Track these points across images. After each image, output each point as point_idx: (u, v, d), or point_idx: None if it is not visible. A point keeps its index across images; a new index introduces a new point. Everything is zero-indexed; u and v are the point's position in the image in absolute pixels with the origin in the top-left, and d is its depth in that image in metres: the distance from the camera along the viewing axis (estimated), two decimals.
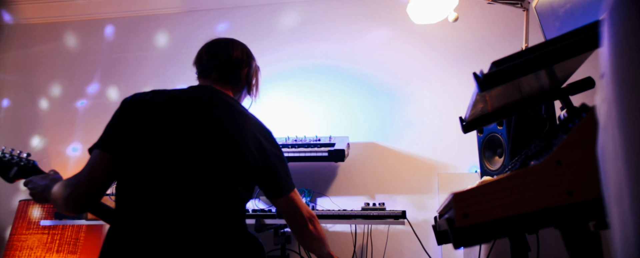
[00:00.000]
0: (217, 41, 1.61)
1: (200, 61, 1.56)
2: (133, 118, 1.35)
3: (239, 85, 1.57)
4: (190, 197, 1.28)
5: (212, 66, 1.52)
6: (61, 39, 3.42)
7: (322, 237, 1.60)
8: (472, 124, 1.33)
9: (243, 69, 1.56)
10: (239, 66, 1.55)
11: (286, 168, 1.53)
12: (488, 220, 0.74)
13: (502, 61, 0.88)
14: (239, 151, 1.37)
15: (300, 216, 1.54)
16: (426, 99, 2.80)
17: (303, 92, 2.96)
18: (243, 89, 1.59)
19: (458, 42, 2.83)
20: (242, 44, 1.63)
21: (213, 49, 1.56)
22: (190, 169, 1.30)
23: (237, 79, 1.55)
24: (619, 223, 0.55)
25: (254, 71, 1.61)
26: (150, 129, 1.33)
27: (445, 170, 2.64)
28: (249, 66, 1.58)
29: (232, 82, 1.54)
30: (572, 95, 1.09)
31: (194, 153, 1.32)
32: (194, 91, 1.48)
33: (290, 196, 1.52)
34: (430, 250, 2.42)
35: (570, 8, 1.59)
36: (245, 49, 1.61)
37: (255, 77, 1.63)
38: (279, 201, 1.52)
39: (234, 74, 1.54)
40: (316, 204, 2.69)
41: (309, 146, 2.46)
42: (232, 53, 1.55)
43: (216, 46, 1.57)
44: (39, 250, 2.67)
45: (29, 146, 3.22)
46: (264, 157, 1.43)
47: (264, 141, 1.45)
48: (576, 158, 0.74)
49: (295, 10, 3.12)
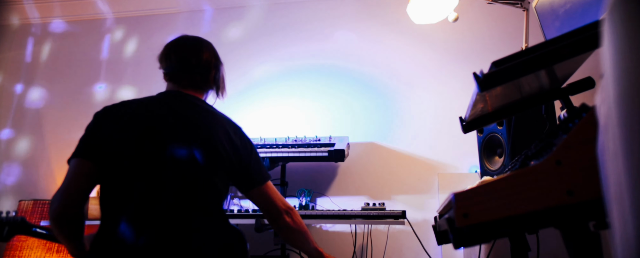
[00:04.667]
0: (185, 42, 1.60)
1: (168, 60, 1.56)
2: (106, 128, 1.40)
3: (207, 87, 1.59)
4: (167, 194, 1.33)
5: (181, 71, 1.54)
6: (61, 39, 3.42)
7: (304, 230, 1.62)
8: (472, 124, 1.33)
9: (211, 72, 1.58)
10: (207, 69, 1.56)
11: (258, 160, 1.56)
12: (488, 220, 0.74)
13: (502, 61, 0.88)
14: (211, 144, 1.41)
15: (275, 208, 1.56)
16: (426, 99, 2.80)
17: (303, 92, 2.96)
18: (209, 91, 1.62)
19: (458, 42, 2.83)
20: (209, 44, 1.63)
21: (181, 52, 1.56)
22: (166, 168, 1.35)
23: (206, 83, 1.58)
24: (619, 223, 0.55)
25: (221, 73, 1.64)
26: (124, 137, 1.38)
27: (445, 170, 2.64)
28: (217, 69, 1.60)
29: (201, 87, 1.57)
30: (572, 95, 1.09)
31: (168, 153, 1.37)
32: (163, 97, 1.52)
33: (263, 188, 1.54)
34: (430, 250, 2.42)
35: (570, 8, 1.59)
36: (212, 49, 1.62)
37: (221, 77, 1.65)
38: (252, 193, 1.55)
39: (204, 78, 1.56)
40: (316, 204, 2.69)
41: (309, 146, 2.46)
42: (202, 56, 1.56)
43: (184, 49, 1.57)
44: (39, 250, 2.67)
45: (29, 146, 3.22)
46: (234, 149, 1.47)
47: (233, 136, 1.49)
48: (576, 158, 0.74)
49: (296, 9, 3.12)
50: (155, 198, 1.32)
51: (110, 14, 3.37)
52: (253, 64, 3.07)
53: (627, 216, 0.53)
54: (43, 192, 3.11)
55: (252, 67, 3.07)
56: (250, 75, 3.05)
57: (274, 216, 1.57)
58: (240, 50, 3.10)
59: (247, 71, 3.06)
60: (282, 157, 2.42)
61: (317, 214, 2.16)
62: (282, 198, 1.60)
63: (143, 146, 1.37)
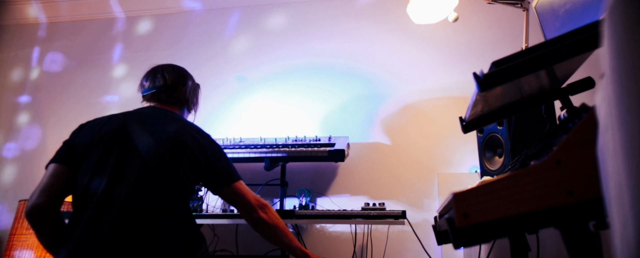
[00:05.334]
0: (154, 68, 1.80)
1: (141, 87, 1.77)
2: (80, 136, 1.57)
3: (178, 103, 1.76)
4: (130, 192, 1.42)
5: (151, 91, 1.73)
6: (62, 39, 3.42)
7: (281, 226, 1.66)
8: (472, 124, 1.33)
9: (180, 88, 1.76)
10: (174, 86, 1.75)
11: (226, 161, 1.65)
12: (488, 220, 0.74)
13: (502, 61, 0.88)
14: (176, 142, 1.53)
15: (247, 203, 1.63)
16: (426, 99, 2.80)
17: (303, 92, 2.96)
18: (183, 107, 1.79)
19: (458, 42, 2.83)
20: (177, 67, 1.82)
21: (151, 76, 1.77)
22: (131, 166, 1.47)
23: (175, 98, 1.75)
24: (619, 223, 0.55)
25: (191, 89, 1.81)
26: (93, 141, 1.52)
27: (445, 170, 2.64)
28: (185, 85, 1.78)
29: (172, 102, 1.74)
30: (572, 95, 1.09)
31: (132, 151, 1.49)
32: (137, 110, 1.68)
33: (233, 187, 1.62)
34: (430, 250, 2.42)
35: (570, 8, 1.59)
36: (179, 71, 1.80)
37: (193, 94, 1.83)
38: (223, 192, 1.63)
39: (171, 93, 1.74)
40: (316, 204, 2.69)
41: (309, 146, 2.46)
42: (168, 76, 1.75)
43: (153, 74, 1.77)
44: (39, 250, 2.67)
45: (30, 145, 3.22)
46: (201, 151, 1.57)
47: (200, 138, 1.60)
48: (576, 158, 0.74)
49: (296, 9, 3.12)
50: (118, 196, 1.41)
51: (120, 14, 3.38)
52: (253, 64, 3.07)
53: (627, 216, 0.53)
54: None
55: (252, 66, 3.07)
56: (250, 75, 3.05)
57: (248, 211, 1.64)
58: (240, 50, 3.10)
59: (246, 70, 3.06)
60: (282, 157, 2.42)
61: (317, 214, 2.16)
62: (256, 196, 1.67)
63: (109, 145, 1.50)
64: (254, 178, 2.67)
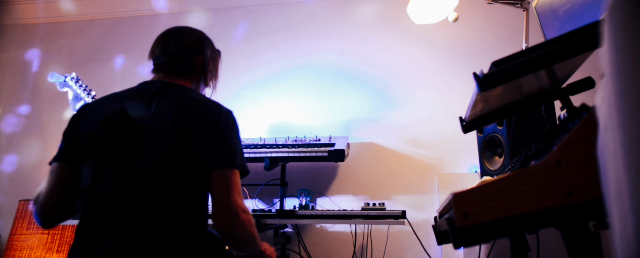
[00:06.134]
0: (167, 32, 1.51)
1: (152, 54, 1.49)
2: (81, 127, 1.37)
3: (194, 75, 1.47)
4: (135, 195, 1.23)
5: (162, 59, 1.45)
6: (62, 39, 3.42)
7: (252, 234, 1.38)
8: (472, 124, 1.33)
9: (196, 58, 1.47)
10: (189, 54, 1.46)
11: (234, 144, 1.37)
12: (488, 220, 0.74)
13: (502, 61, 0.88)
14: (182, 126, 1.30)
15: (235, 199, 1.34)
16: (426, 99, 2.80)
17: (303, 93, 2.96)
18: (200, 79, 1.50)
19: (458, 42, 2.83)
20: (195, 30, 1.53)
21: (163, 40, 1.48)
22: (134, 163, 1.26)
23: (190, 69, 1.46)
24: (619, 223, 0.55)
25: (210, 59, 1.52)
26: (92, 133, 1.33)
27: (445, 170, 2.64)
28: (203, 54, 1.49)
29: (184, 74, 1.45)
30: (572, 95, 1.09)
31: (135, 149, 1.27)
32: (142, 86, 1.43)
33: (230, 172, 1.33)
34: (430, 250, 2.42)
35: (570, 8, 1.59)
36: (198, 35, 1.51)
37: (212, 64, 1.53)
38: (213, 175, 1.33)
39: (185, 63, 1.45)
40: (316, 204, 2.69)
41: (309, 146, 2.46)
42: (183, 41, 1.46)
43: (166, 37, 1.49)
44: (39, 250, 2.67)
45: (30, 145, 3.22)
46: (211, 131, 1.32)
47: (214, 125, 1.33)
48: (576, 158, 0.74)
49: (296, 9, 3.12)
50: (122, 199, 1.23)
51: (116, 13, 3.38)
52: (253, 64, 3.07)
53: (627, 216, 0.53)
54: None
55: (252, 67, 3.07)
56: (250, 75, 3.05)
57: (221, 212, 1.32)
58: (240, 50, 3.10)
59: (247, 70, 3.06)
60: (282, 157, 2.42)
61: (317, 214, 2.16)
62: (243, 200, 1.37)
63: (110, 135, 1.31)
64: (254, 178, 2.66)
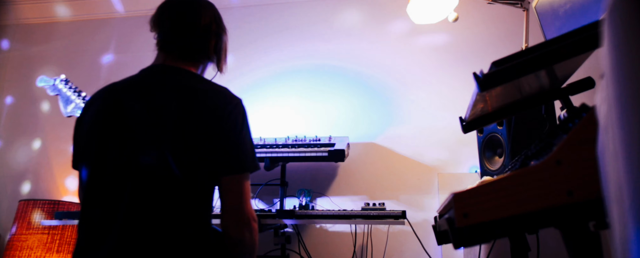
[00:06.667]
0: (181, 1, 1.35)
1: (161, 25, 1.34)
2: (80, 130, 1.32)
3: (204, 58, 1.37)
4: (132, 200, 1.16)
5: (174, 39, 1.32)
6: (62, 39, 3.42)
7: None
8: (472, 124, 1.33)
9: (211, 41, 1.35)
10: (206, 37, 1.34)
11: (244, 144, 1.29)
12: (488, 220, 0.74)
13: (502, 61, 0.88)
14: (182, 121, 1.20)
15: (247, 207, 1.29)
16: (426, 99, 2.80)
17: (303, 93, 2.96)
18: (208, 62, 1.39)
19: (458, 42, 2.83)
20: (211, 6, 1.39)
21: (176, 13, 1.33)
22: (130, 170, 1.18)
23: (204, 53, 1.35)
24: (619, 223, 0.55)
25: (223, 42, 1.40)
26: (87, 131, 1.28)
27: (445, 170, 2.64)
28: (218, 37, 1.37)
29: (195, 58, 1.34)
30: (572, 95, 1.09)
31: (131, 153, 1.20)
32: (140, 77, 1.33)
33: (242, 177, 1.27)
34: (430, 250, 2.42)
35: (570, 8, 1.59)
36: (214, 13, 1.38)
37: (224, 48, 1.41)
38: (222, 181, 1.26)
39: (200, 47, 1.33)
40: (316, 204, 2.69)
41: (309, 146, 2.46)
42: (200, 21, 1.32)
43: (180, 9, 1.33)
44: (39, 250, 2.67)
45: (30, 145, 3.22)
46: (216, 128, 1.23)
47: (222, 119, 1.23)
48: (576, 158, 0.74)
49: (295, 10, 3.12)
50: (118, 200, 1.17)
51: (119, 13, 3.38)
52: (253, 65, 3.07)
53: (627, 216, 0.53)
54: (43, 192, 3.11)
55: (252, 67, 3.07)
56: (250, 75, 3.05)
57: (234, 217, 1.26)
58: (240, 50, 3.10)
59: (247, 71, 3.06)
60: (282, 157, 2.42)
61: (317, 214, 2.16)
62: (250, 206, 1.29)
63: (104, 133, 1.23)
64: (254, 178, 2.66)
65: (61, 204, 2.79)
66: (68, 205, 2.81)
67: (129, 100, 1.25)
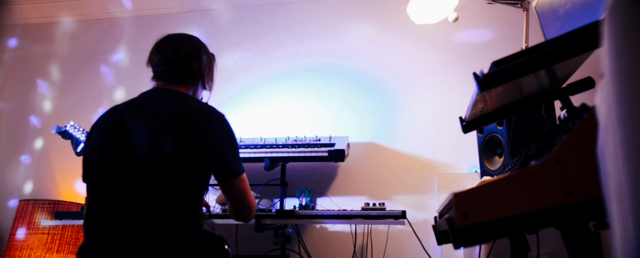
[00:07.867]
0: (165, 39, 1.60)
1: (151, 61, 1.58)
2: (87, 145, 1.51)
3: (192, 80, 1.58)
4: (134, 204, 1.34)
5: (161, 67, 1.54)
6: (62, 39, 3.42)
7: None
8: (472, 124, 1.33)
9: (193, 64, 1.57)
10: (187, 62, 1.55)
11: (234, 152, 1.51)
12: (488, 220, 0.74)
13: (502, 61, 0.88)
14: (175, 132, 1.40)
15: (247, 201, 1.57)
16: (426, 99, 2.80)
17: (303, 92, 2.96)
18: (198, 84, 1.60)
19: (458, 42, 2.83)
20: (191, 38, 1.63)
21: (161, 49, 1.57)
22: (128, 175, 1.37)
23: (188, 75, 1.56)
24: (619, 223, 0.55)
25: (206, 64, 1.61)
26: (92, 146, 1.46)
27: (445, 170, 2.64)
28: (200, 60, 1.58)
29: (182, 80, 1.56)
30: (572, 95, 1.09)
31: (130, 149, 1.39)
32: (141, 96, 1.55)
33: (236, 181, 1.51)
34: (430, 250, 2.42)
35: (570, 8, 1.59)
36: (194, 42, 1.61)
37: (208, 69, 1.64)
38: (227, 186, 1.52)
39: (183, 71, 1.55)
40: (316, 204, 2.69)
41: (309, 146, 2.46)
42: (180, 50, 1.55)
43: (164, 45, 1.58)
44: (39, 250, 2.67)
45: (30, 145, 3.22)
46: (207, 139, 1.42)
47: (206, 125, 1.44)
48: (576, 158, 0.74)
49: (295, 9, 3.12)
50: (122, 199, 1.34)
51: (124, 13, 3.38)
52: (253, 64, 3.07)
53: (627, 216, 0.53)
54: (43, 192, 3.11)
55: (252, 67, 3.07)
56: (250, 75, 3.05)
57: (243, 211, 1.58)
58: (240, 50, 3.10)
59: (247, 70, 3.06)
60: (282, 157, 2.42)
61: (317, 214, 2.16)
62: (252, 195, 1.59)
63: (107, 146, 1.42)
64: (254, 178, 2.67)
65: (61, 204, 2.79)
66: (68, 205, 2.81)
67: (129, 116, 1.45)
